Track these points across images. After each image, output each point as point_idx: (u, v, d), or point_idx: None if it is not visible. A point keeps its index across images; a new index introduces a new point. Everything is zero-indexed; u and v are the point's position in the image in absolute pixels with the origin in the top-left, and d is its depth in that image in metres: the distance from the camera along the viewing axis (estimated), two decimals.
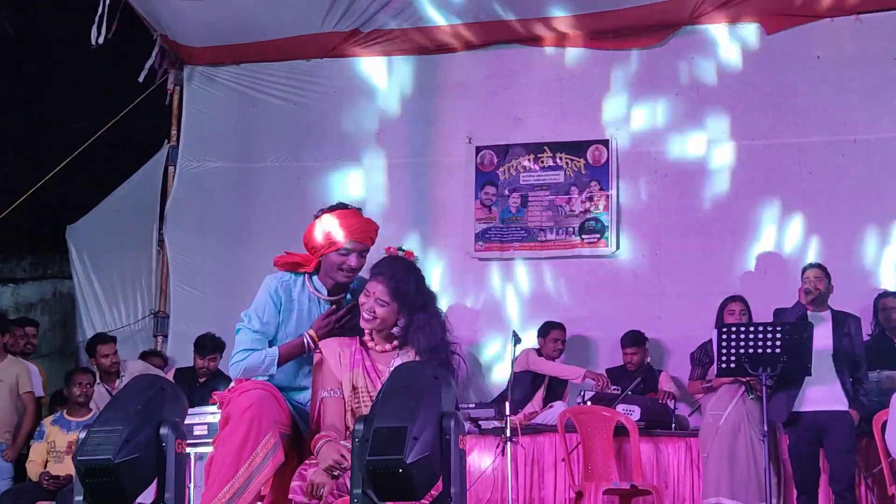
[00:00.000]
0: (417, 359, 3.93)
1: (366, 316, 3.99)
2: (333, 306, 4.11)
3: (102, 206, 9.15)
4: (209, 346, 7.75)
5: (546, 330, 7.80)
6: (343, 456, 3.70)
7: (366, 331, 4.04)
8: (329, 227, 4.16)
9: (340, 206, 4.26)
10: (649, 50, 8.28)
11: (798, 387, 6.14)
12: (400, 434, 2.96)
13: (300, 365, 4.17)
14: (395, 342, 4.01)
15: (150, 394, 3.20)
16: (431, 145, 8.68)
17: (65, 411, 7.23)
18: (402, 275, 4.02)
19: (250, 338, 4.10)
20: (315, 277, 4.21)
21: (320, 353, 4.05)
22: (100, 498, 3.08)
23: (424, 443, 2.97)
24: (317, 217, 4.22)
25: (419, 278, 4.06)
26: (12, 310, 9.60)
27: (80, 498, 3.09)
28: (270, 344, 4.15)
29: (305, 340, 4.07)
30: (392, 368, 3.88)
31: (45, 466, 7.04)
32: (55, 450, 7.06)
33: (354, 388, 3.96)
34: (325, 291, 4.20)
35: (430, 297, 4.05)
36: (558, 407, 7.22)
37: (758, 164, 8.01)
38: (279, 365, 4.06)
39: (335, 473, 3.72)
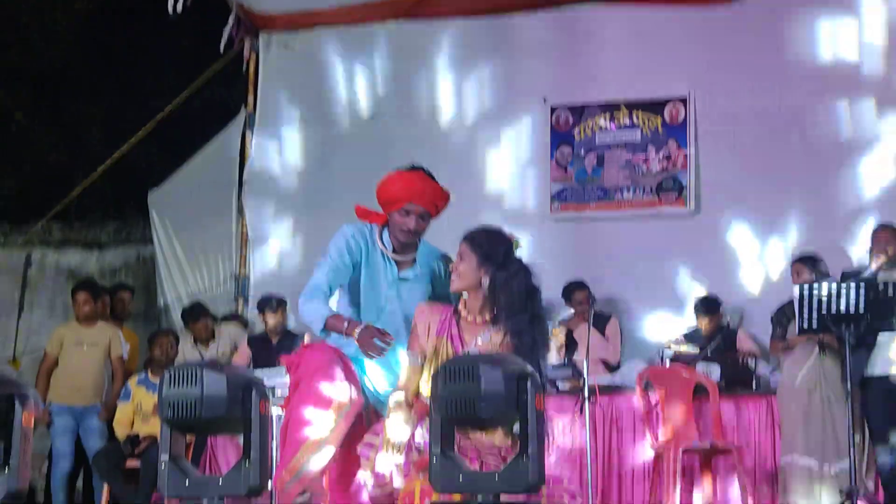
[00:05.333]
0: (506, 337, 3.93)
1: (452, 276, 4.03)
2: (388, 339, 4.02)
3: (183, 172, 9.30)
4: (271, 302, 7.93)
5: (568, 293, 7.70)
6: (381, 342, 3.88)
7: (461, 302, 4.06)
8: (395, 186, 4.22)
9: (414, 168, 4.30)
10: (729, 5, 8.11)
11: (868, 350, 6.04)
12: None
13: None
14: (488, 317, 4.01)
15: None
16: (506, 106, 8.64)
17: (150, 372, 7.43)
18: (485, 233, 4.06)
19: (324, 272, 4.17)
20: (385, 233, 4.27)
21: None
22: (180, 413, 3.12)
23: None
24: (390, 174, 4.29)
25: (505, 241, 4.06)
26: (97, 274, 9.83)
27: (166, 457, 3.16)
28: (351, 292, 4.21)
29: (348, 329, 4.01)
30: (477, 342, 3.92)
31: (132, 426, 7.25)
32: (141, 410, 7.27)
33: (437, 352, 4.00)
34: (390, 248, 4.25)
35: (515, 261, 4.03)
36: (636, 365, 7.20)
37: (838, 120, 7.83)
38: (324, 330, 4.09)
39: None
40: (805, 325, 5.93)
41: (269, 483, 3.69)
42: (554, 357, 7.52)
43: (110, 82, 12.50)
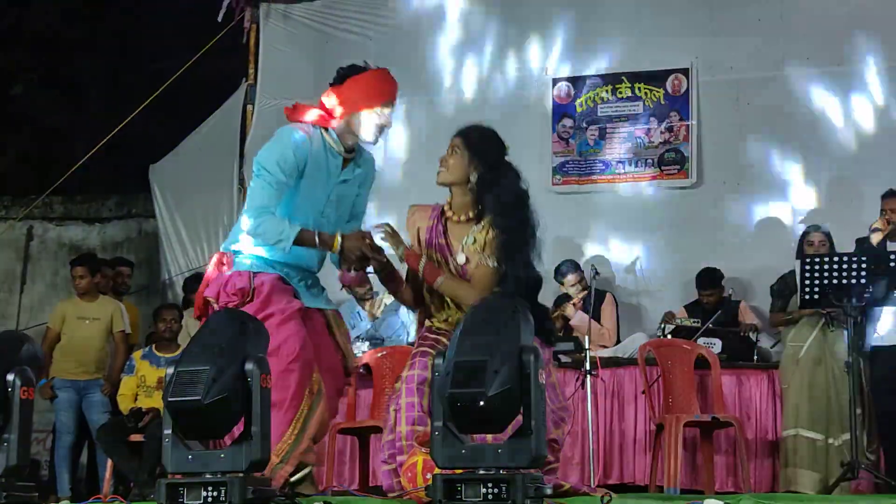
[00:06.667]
0: (489, 234, 3.95)
1: (439, 168, 4.06)
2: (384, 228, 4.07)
3: (184, 146, 9.27)
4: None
5: (559, 276, 7.65)
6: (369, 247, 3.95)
7: (447, 202, 4.09)
8: (371, 86, 4.13)
9: (366, 67, 4.17)
10: None
11: (874, 321, 6.03)
12: (481, 368, 3.00)
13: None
14: (472, 214, 4.04)
15: (232, 330, 3.23)
16: (507, 78, 8.60)
17: (154, 346, 7.44)
18: (480, 131, 4.14)
19: (269, 193, 3.97)
20: (331, 131, 4.14)
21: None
22: (192, 435, 3.16)
23: (505, 376, 3.02)
24: (347, 76, 4.14)
25: (499, 143, 4.12)
26: (99, 249, 9.83)
27: (169, 431, 3.16)
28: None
29: (332, 240, 3.97)
30: (464, 245, 3.99)
31: (135, 400, 7.26)
32: (145, 385, 7.27)
33: (430, 260, 4.08)
34: (343, 148, 4.14)
35: (507, 163, 4.09)
36: (637, 338, 7.20)
37: (840, 89, 7.79)
38: (293, 244, 3.95)
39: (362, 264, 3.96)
40: (808, 298, 5.93)
41: None
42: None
43: (108, 44, 12.41)
